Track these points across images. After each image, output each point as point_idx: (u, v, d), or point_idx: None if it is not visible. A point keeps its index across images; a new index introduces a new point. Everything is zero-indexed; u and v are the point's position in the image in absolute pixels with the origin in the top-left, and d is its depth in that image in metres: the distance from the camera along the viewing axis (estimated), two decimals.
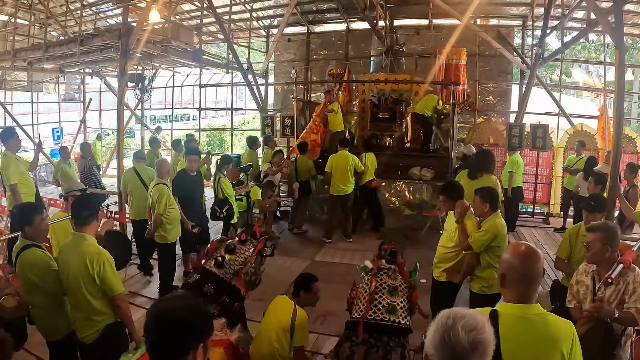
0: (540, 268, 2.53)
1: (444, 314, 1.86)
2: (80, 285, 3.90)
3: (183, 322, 1.85)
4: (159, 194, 7.07)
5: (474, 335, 1.76)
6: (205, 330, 1.92)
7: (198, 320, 1.90)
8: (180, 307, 1.89)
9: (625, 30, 14.43)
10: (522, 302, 2.46)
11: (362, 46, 15.34)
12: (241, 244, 4.58)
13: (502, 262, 2.58)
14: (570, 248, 5.28)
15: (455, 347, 1.74)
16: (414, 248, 9.24)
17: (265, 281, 7.97)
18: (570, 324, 2.49)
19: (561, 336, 2.39)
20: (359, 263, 4.16)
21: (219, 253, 4.46)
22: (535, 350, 2.36)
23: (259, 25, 16.98)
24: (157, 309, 1.91)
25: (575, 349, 2.41)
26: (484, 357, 1.77)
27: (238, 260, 4.46)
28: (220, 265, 4.42)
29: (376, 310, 3.77)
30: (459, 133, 13.85)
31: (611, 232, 3.80)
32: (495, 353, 2.28)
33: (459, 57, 12.04)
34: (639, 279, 3.67)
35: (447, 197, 5.34)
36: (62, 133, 18.93)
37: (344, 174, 10.00)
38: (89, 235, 4.05)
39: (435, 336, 1.81)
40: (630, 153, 12.59)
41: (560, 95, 14.30)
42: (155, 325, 1.87)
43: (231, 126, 19.09)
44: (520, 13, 14.27)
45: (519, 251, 2.55)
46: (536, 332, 2.39)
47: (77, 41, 11.82)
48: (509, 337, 2.35)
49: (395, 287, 3.84)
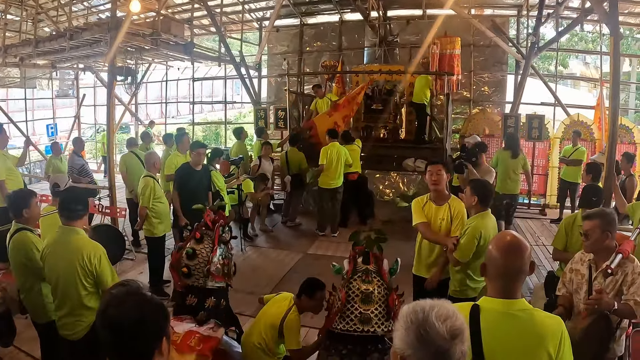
0: (524, 262, 2.35)
1: (410, 309, 1.70)
2: (74, 280, 3.85)
3: (140, 329, 1.73)
4: (142, 186, 7.01)
5: (451, 323, 1.63)
6: (162, 324, 1.80)
7: (154, 319, 1.77)
8: (132, 311, 1.74)
9: (621, 20, 14.39)
10: (505, 296, 2.33)
11: (355, 37, 15.28)
12: (198, 243, 4.41)
13: (487, 252, 2.46)
14: (567, 238, 5.20)
15: (435, 339, 1.60)
16: (407, 241, 9.18)
17: (258, 275, 7.97)
18: (559, 320, 2.36)
19: (548, 333, 2.27)
20: None
21: (183, 262, 4.33)
22: (520, 348, 2.25)
23: (252, 18, 16.90)
24: (107, 315, 1.75)
25: (563, 348, 2.27)
26: (464, 344, 1.64)
27: (201, 262, 4.33)
28: (188, 275, 4.30)
29: (349, 321, 3.58)
30: (454, 124, 13.77)
31: (609, 217, 3.72)
32: (477, 350, 2.23)
33: (453, 47, 11.92)
34: (638, 270, 3.57)
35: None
36: (57, 129, 18.82)
37: (336, 167, 9.91)
38: (79, 229, 4.03)
39: (409, 335, 1.65)
40: (628, 143, 12.51)
41: (556, 86, 14.22)
42: (107, 336, 1.74)
43: (224, 120, 19.02)
44: (515, 2, 14.21)
45: (502, 243, 2.41)
46: (520, 329, 2.27)
47: (66, 36, 11.74)
48: (492, 334, 2.26)
49: (369, 293, 3.62)
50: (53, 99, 19.84)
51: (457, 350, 1.61)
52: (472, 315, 2.30)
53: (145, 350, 1.74)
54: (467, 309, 2.33)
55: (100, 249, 3.95)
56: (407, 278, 5.00)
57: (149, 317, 1.75)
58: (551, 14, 12.63)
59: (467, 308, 2.34)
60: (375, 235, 3.85)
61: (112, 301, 1.78)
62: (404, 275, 3.99)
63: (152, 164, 7.30)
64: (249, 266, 8.47)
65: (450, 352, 1.60)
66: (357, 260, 3.82)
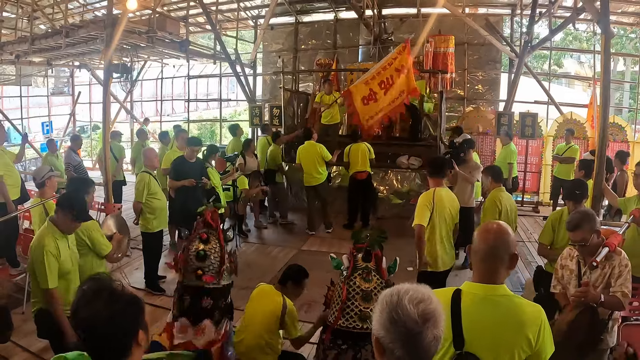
0: (504, 248, 2.40)
1: (387, 292, 1.78)
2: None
3: (110, 325, 1.74)
4: (137, 181, 7.16)
5: (424, 307, 1.67)
6: (136, 317, 1.82)
7: (127, 314, 1.79)
8: (101, 311, 1.73)
9: (615, 19, 14.50)
10: (486, 281, 2.39)
11: (350, 35, 15.30)
12: (206, 243, 4.45)
13: (473, 242, 2.50)
14: (553, 234, 5.29)
15: (406, 322, 1.65)
16: (401, 237, 9.27)
17: (253, 270, 8.03)
18: (539, 308, 2.40)
19: (527, 320, 2.32)
20: (346, 252, 4.05)
21: (193, 264, 4.36)
22: (499, 332, 2.30)
23: (247, 16, 16.89)
24: (80, 317, 1.78)
25: (543, 335, 2.33)
26: (437, 328, 1.69)
27: (214, 262, 4.37)
28: (200, 277, 4.34)
29: (348, 318, 3.68)
30: (448, 122, 13.84)
31: (592, 217, 3.78)
32: (457, 332, 2.29)
33: (446, 46, 11.95)
34: (625, 262, 3.66)
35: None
36: (52, 127, 18.81)
37: (312, 165, 9.94)
38: (54, 227, 4.18)
39: (382, 316, 1.72)
40: (621, 141, 12.62)
41: (549, 84, 14.32)
42: (87, 335, 1.76)
43: (219, 117, 19.10)
44: (509, 1, 14.26)
45: (486, 229, 2.48)
46: (500, 314, 2.32)
47: (62, 33, 11.75)
48: (471, 318, 2.31)
49: (369, 291, 3.70)
50: (48, 96, 19.79)
51: (428, 334, 1.66)
52: (453, 299, 2.37)
53: (121, 346, 1.77)
54: (449, 293, 2.40)
55: (45, 248, 4.09)
56: (404, 274, 5.08)
57: (120, 314, 1.76)
58: (544, 13, 12.70)
59: (450, 292, 2.41)
60: (378, 234, 3.93)
61: (81, 301, 1.79)
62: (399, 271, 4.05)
63: (148, 158, 7.38)
64: (243, 262, 8.46)
65: (422, 335, 1.66)
66: (357, 257, 3.89)
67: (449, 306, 2.34)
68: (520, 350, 2.28)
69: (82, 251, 4.69)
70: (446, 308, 2.30)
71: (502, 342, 2.29)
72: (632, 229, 5.34)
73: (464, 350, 2.28)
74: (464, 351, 2.27)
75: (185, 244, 4.52)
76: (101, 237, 4.89)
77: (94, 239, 4.80)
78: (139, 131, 12.80)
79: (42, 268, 3.97)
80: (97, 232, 4.86)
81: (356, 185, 10.14)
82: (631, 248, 5.24)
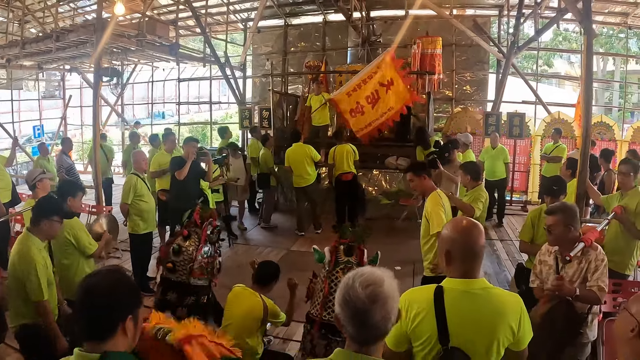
0: (484, 242, 2.52)
1: (348, 275, 1.98)
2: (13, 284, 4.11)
3: (107, 296, 1.90)
4: (124, 182, 7.23)
5: (372, 289, 1.89)
6: (131, 302, 1.97)
7: (122, 292, 1.94)
8: (105, 283, 1.93)
9: (602, 19, 14.66)
10: (466, 276, 2.46)
11: (339, 38, 15.36)
12: (185, 240, 4.55)
13: (445, 240, 2.56)
14: (533, 230, 5.38)
15: (355, 302, 1.88)
16: (389, 237, 9.39)
17: (242, 270, 8.02)
18: (518, 298, 2.51)
19: (508, 310, 2.40)
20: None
21: (170, 258, 4.47)
22: (482, 324, 2.37)
23: (237, 19, 16.95)
24: (84, 284, 1.95)
25: (523, 323, 2.43)
26: (385, 309, 1.89)
27: (186, 259, 4.47)
28: (172, 270, 4.43)
29: (330, 312, 3.77)
30: (437, 122, 13.95)
31: (571, 211, 3.83)
32: (442, 328, 2.36)
33: (434, 47, 12.02)
34: (601, 257, 3.70)
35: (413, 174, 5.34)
36: (43, 130, 18.83)
37: (302, 166, 9.99)
38: (35, 238, 4.16)
39: (339, 296, 1.95)
40: (609, 140, 12.76)
41: (537, 84, 14.42)
42: (81, 300, 1.93)
43: (210, 120, 19.15)
44: (497, 2, 14.34)
45: (462, 226, 2.54)
46: (482, 306, 2.39)
47: (53, 37, 11.81)
48: (455, 312, 2.38)
49: None
50: (39, 100, 19.81)
51: (376, 314, 1.88)
52: (436, 296, 2.43)
53: (109, 322, 1.89)
54: (431, 290, 2.47)
55: (33, 262, 4.07)
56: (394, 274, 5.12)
57: (118, 289, 1.93)
58: (530, 14, 12.81)
59: (432, 289, 2.47)
60: (363, 229, 4.06)
61: (94, 273, 1.99)
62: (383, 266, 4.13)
63: (135, 161, 7.43)
64: (233, 262, 8.59)
65: (369, 314, 1.88)
66: (339, 250, 4.01)
67: (432, 303, 2.41)
68: (504, 339, 2.37)
69: (67, 250, 4.81)
70: (429, 305, 2.41)
71: (487, 333, 2.37)
72: (615, 226, 5.43)
73: (449, 345, 2.35)
74: (450, 346, 2.35)
75: (170, 239, 4.62)
76: (86, 237, 4.95)
77: (79, 239, 4.87)
78: (131, 134, 12.85)
79: (35, 281, 3.97)
80: (82, 231, 4.93)
81: (342, 186, 10.16)
82: (614, 244, 5.37)
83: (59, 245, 4.79)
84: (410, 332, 2.45)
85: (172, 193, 8.19)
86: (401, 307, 2.41)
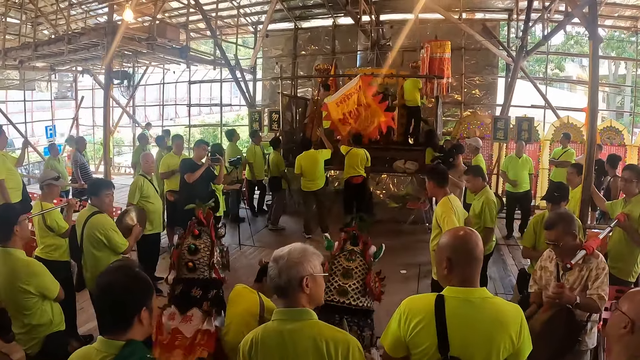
0: (481, 251, 2.54)
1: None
2: (13, 303, 4.01)
3: (123, 291, 2.13)
4: (131, 183, 7.33)
5: (282, 263, 2.41)
6: (144, 294, 2.21)
7: (135, 288, 2.18)
8: (119, 281, 2.16)
9: (612, 23, 14.62)
10: (466, 285, 2.47)
11: (348, 41, 15.43)
12: (197, 239, 4.67)
13: (444, 248, 2.56)
14: (535, 236, 5.37)
15: (272, 277, 2.44)
16: (396, 240, 9.41)
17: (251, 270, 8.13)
18: (518, 308, 2.49)
19: (509, 320, 2.40)
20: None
21: (186, 258, 4.58)
22: (483, 334, 2.36)
23: (247, 22, 17.07)
24: (101, 281, 2.21)
25: (523, 333, 2.42)
26: (287, 274, 2.40)
27: (204, 255, 4.58)
28: (193, 269, 4.53)
29: (328, 292, 3.90)
30: (446, 126, 13.97)
31: (568, 218, 3.82)
32: (442, 337, 2.38)
33: (443, 51, 12.05)
34: (602, 265, 3.68)
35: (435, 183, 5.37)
36: (55, 131, 18.99)
37: (314, 172, 10.00)
38: (13, 249, 4.07)
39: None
40: (618, 145, 12.71)
41: (546, 88, 14.39)
42: (99, 296, 2.25)
43: (220, 122, 19.27)
44: (506, 6, 14.35)
45: (461, 234, 2.56)
46: (482, 316, 2.39)
47: (65, 40, 11.95)
48: (455, 321, 2.38)
49: (349, 269, 3.96)
50: (52, 101, 20.02)
51: (282, 281, 2.40)
52: (437, 305, 2.44)
53: (127, 314, 2.14)
54: (432, 300, 2.47)
55: (32, 266, 4.10)
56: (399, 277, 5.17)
57: (134, 285, 2.19)
58: (538, 18, 12.80)
59: (433, 298, 2.47)
60: (366, 220, 4.23)
61: (106, 271, 2.28)
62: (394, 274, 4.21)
63: (144, 163, 7.54)
64: (241, 262, 8.69)
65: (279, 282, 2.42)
66: (347, 243, 4.19)
67: (432, 313, 2.42)
68: (503, 350, 2.36)
69: (97, 247, 5.07)
70: (430, 315, 2.42)
71: (486, 343, 2.36)
72: (618, 233, 5.37)
73: (449, 355, 2.35)
74: (449, 355, 2.35)
75: (179, 241, 4.70)
76: (117, 237, 5.13)
77: (110, 238, 5.06)
78: (140, 136, 12.95)
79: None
80: (113, 231, 5.09)
81: (351, 189, 10.19)
82: (617, 251, 5.35)
83: (89, 240, 5.05)
84: (409, 340, 2.47)
85: (181, 195, 8.25)
86: (400, 313, 2.53)
